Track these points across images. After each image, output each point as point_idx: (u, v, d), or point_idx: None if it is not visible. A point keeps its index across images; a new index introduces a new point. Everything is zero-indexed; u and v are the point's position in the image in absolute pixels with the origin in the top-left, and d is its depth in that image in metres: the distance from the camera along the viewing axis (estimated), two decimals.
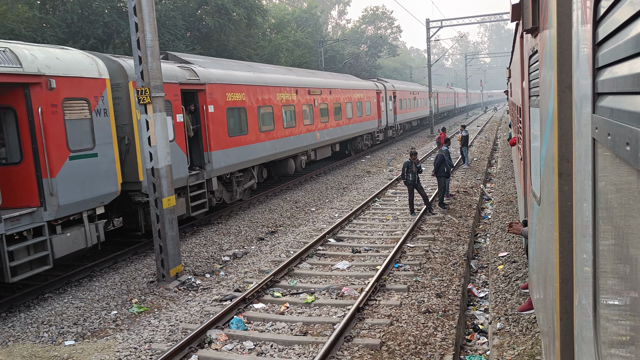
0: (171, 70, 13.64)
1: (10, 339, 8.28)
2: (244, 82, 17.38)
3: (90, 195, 10.72)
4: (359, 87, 30.29)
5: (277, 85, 19.90)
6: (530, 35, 4.32)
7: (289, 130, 20.57)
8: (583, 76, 1.94)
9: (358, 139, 30.74)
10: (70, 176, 10.22)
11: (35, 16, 26.23)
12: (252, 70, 19.36)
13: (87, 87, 10.76)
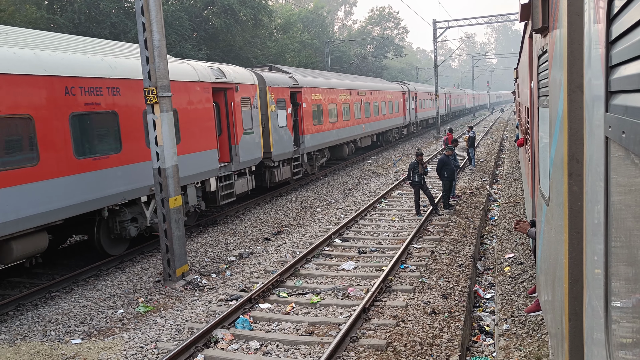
0: (284, 78, 20.35)
1: (18, 337, 8.31)
2: (321, 86, 23.65)
3: (250, 157, 17.06)
4: (390, 89, 36.25)
5: (339, 88, 26.12)
6: (539, 35, 4.30)
7: (345, 122, 26.63)
8: (595, 75, 1.92)
9: (388, 132, 36.42)
10: (243, 145, 16.48)
11: (43, 17, 26.34)
12: (323, 77, 25.86)
13: (249, 90, 17.06)
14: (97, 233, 11.63)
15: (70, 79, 10.24)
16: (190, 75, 13.97)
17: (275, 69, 21.85)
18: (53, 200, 9.75)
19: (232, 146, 15.94)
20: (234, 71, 16.53)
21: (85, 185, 10.50)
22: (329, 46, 46.02)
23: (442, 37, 47.32)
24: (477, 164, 25.42)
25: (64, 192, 10.00)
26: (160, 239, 10.84)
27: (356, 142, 29.13)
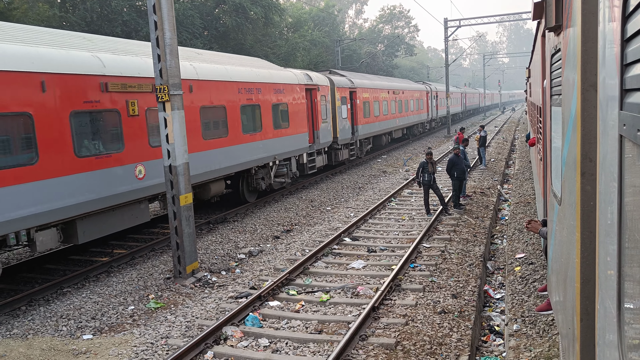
0: (345, 80, 26.00)
1: (30, 332, 8.39)
2: (368, 87, 29.21)
3: (325, 140, 22.63)
4: (416, 89, 41.79)
5: (380, 88, 31.66)
6: (552, 33, 4.27)
7: (385, 117, 32.01)
8: (610, 73, 1.91)
9: (415, 126, 42.23)
10: (322, 131, 22.07)
11: (56, 15, 26.55)
12: (369, 79, 31.74)
13: (325, 90, 22.77)
14: (242, 186, 17.40)
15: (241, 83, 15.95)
16: (293, 79, 19.82)
17: (334, 72, 27.11)
18: (234, 159, 15.60)
19: (315, 131, 21.71)
20: (315, 76, 22.38)
21: (247, 151, 16.30)
22: (340, 45, 45.99)
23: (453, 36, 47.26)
24: (487, 163, 25.30)
25: (240, 155, 15.89)
26: (170, 236, 10.89)
27: (391, 134, 34.80)
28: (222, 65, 15.72)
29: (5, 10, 24.42)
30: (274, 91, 18.07)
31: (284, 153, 18.68)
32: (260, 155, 17.03)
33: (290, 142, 19.10)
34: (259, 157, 16.95)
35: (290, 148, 19.19)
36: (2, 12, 23.95)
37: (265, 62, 21.03)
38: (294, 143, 19.43)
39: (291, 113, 19.26)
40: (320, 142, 22.00)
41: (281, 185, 19.05)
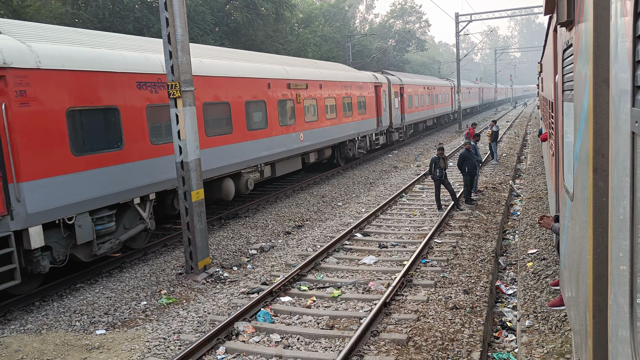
0: (396, 78, 32.67)
1: (44, 327, 8.49)
2: (411, 83, 35.81)
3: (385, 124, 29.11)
4: (443, 85, 47.84)
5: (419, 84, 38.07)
6: (564, 28, 4.24)
7: (422, 108, 38.50)
8: (622, 69, 1.90)
9: (441, 117, 48.70)
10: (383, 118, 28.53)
11: (68, 12, 26.73)
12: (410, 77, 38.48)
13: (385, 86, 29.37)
14: (337, 154, 24.48)
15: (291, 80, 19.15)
16: (367, 79, 27.17)
17: (386, 73, 33.26)
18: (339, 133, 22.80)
19: (379, 117, 28.10)
20: (379, 75, 29.80)
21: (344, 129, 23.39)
22: (351, 40, 45.87)
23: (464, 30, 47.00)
24: (499, 158, 25.17)
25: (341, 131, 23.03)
26: (182, 232, 10.96)
27: (425, 122, 41.92)
28: (334, 70, 24.06)
29: (19, 7, 24.61)
30: (357, 87, 25.29)
31: (363, 132, 25.84)
32: (351, 132, 24.26)
33: (366, 124, 26.23)
34: (350, 133, 24.14)
35: (366, 128, 26.28)
36: (16, 10, 24.14)
37: (348, 67, 29.57)
38: (368, 125, 26.44)
39: (367, 103, 26.41)
40: (382, 125, 28.91)
41: (360, 154, 26.38)
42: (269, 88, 17.04)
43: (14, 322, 8.68)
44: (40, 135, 9.23)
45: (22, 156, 8.91)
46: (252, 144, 15.97)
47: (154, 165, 11.84)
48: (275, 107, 17.43)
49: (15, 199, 8.83)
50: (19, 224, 8.85)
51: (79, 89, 10.09)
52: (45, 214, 9.25)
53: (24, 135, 8.95)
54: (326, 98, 21.61)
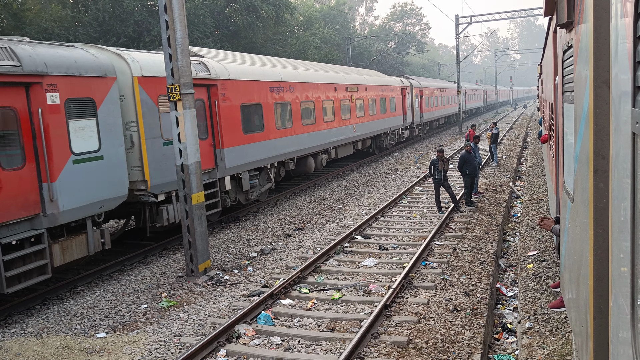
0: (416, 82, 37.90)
1: (44, 330, 8.48)
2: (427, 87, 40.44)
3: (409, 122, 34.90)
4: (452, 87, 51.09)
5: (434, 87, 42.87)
6: (564, 30, 4.24)
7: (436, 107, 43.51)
8: (622, 70, 1.90)
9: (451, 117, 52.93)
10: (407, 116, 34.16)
11: (68, 15, 26.75)
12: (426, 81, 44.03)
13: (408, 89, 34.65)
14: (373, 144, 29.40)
15: None
16: (395, 82, 32.50)
17: (406, 77, 39.04)
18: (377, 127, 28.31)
19: (404, 115, 33.53)
20: (404, 80, 35.23)
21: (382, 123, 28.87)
22: (351, 42, 45.92)
23: (464, 32, 47.01)
24: (499, 160, 25.17)
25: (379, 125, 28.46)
26: (183, 235, 10.95)
27: (439, 120, 47.13)
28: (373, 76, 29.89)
29: (19, 11, 24.64)
30: (389, 90, 30.73)
31: (393, 127, 31.21)
32: (385, 126, 29.66)
33: (395, 120, 31.63)
34: (385, 127, 29.54)
35: (396, 124, 31.76)
36: (16, 14, 24.17)
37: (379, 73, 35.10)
38: (396, 122, 31.95)
39: (396, 103, 31.71)
40: (407, 122, 34.24)
41: (390, 145, 31.87)
42: (335, 91, 22.62)
43: (15, 326, 8.67)
44: (230, 120, 14.76)
45: (224, 133, 14.44)
46: (327, 132, 21.70)
47: (279, 143, 17.69)
48: (339, 105, 23.05)
49: (220, 159, 14.33)
50: (221, 174, 14.35)
51: (245, 92, 15.69)
52: (232, 169, 14.84)
53: (224, 120, 14.48)
54: (369, 99, 26.97)
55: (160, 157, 11.93)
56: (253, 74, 16.35)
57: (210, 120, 14.07)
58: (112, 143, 10.70)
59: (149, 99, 11.77)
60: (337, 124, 22.71)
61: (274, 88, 17.48)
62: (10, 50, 8.88)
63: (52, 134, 9.42)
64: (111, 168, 10.63)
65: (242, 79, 15.43)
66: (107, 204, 10.56)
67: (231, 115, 14.73)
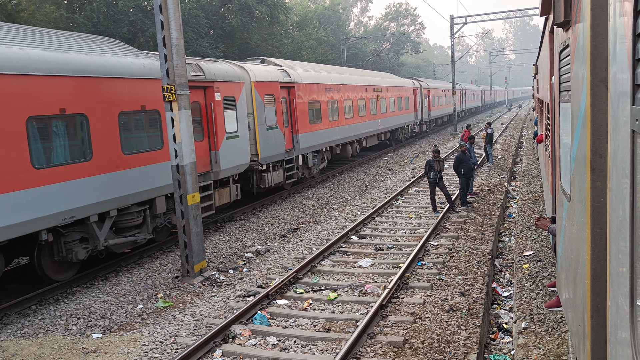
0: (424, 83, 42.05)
1: (40, 331, 8.44)
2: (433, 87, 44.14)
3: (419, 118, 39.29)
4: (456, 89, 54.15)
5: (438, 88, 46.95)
6: (561, 29, 4.25)
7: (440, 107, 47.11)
8: (621, 69, 1.90)
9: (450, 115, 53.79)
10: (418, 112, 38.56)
11: (62, 16, 26.65)
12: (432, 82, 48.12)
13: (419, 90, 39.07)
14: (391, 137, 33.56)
15: None
16: (409, 84, 36.86)
17: (415, 79, 43.41)
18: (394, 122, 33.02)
19: (415, 112, 37.74)
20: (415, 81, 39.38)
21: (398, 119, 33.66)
22: (345, 43, 45.93)
23: (459, 33, 47.05)
24: (495, 160, 25.22)
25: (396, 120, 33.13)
26: (178, 236, 10.93)
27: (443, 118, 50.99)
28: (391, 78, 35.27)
29: (13, 12, 24.53)
30: (405, 90, 35.10)
31: (407, 122, 35.67)
32: (402, 122, 34.21)
33: (409, 117, 36.25)
34: (401, 122, 34.13)
35: (409, 120, 36.26)
36: (10, 14, 24.06)
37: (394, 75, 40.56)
38: (410, 118, 36.49)
39: (410, 102, 36.28)
40: (417, 119, 38.36)
41: (404, 138, 35.97)
42: (366, 91, 27.52)
43: (11, 326, 8.63)
44: (302, 114, 19.65)
45: (298, 123, 19.28)
46: (361, 125, 26.46)
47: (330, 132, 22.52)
48: (369, 103, 27.78)
49: (296, 141, 19.17)
50: (296, 153, 19.19)
51: (311, 92, 20.57)
52: (303, 150, 19.74)
53: (299, 113, 19.36)
54: (390, 98, 31.48)
55: (265, 138, 16.79)
56: (315, 78, 21.51)
57: (289, 114, 18.99)
58: (243, 127, 15.43)
59: (259, 97, 16.57)
60: (368, 119, 27.40)
61: (327, 89, 22.37)
62: (198, 66, 13.54)
63: (217, 119, 14.16)
64: (243, 144, 15.43)
65: (308, 82, 20.51)
66: (240, 168, 15.36)
67: (302, 110, 19.73)
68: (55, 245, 9.98)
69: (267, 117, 16.89)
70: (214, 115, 13.88)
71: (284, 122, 18.18)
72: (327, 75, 23.15)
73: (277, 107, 17.77)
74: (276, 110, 17.68)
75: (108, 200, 10.42)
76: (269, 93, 17.20)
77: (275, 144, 17.46)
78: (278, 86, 17.92)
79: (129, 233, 11.47)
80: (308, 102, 20.09)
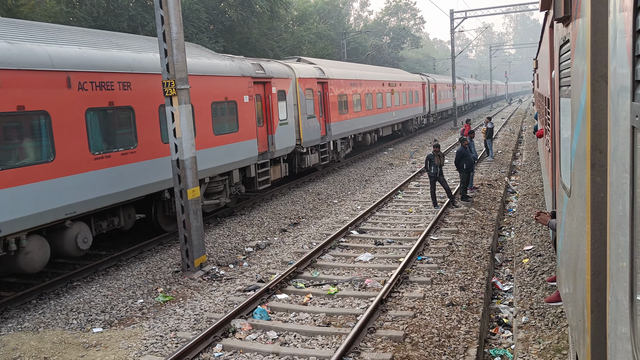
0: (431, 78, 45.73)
1: (40, 325, 8.47)
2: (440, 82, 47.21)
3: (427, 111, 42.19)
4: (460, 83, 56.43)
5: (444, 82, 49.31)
6: (561, 24, 4.24)
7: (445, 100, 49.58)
8: (621, 64, 1.90)
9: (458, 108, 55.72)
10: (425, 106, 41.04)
11: (62, 10, 26.60)
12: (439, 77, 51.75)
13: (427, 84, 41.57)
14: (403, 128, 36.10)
15: None
16: (418, 79, 39.14)
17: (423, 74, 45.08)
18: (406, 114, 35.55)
19: (424, 105, 40.25)
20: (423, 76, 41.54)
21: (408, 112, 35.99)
22: (345, 37, 45.85)
23: (459, 27, 46.97)
24: (495, 155, 25.22)
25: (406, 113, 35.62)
26: (179, 230, 10.94)
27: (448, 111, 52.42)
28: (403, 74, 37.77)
29: (13, 6, 24.46)
30: (414, 85, 37.62)
31: (417, 114, 38.46)
32: (412, 114, 36.86)
33: (418, 109, 38.93)
34: (412, 114, 36.77)
35: (419, 112, 39.03)
36: (10, 9, 24.00)
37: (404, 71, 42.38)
38: (419, 110, 39.22)
39: (419, 96, 38.83)
40: (426, 111, 41.29)
41: (414, 129, 38.74)
42: (382, 85, 30.20)
43: (11, 321, 8.65)
44: (333, 105, 22.40)
45: (330, 113, 22.10)
46: (378, 116, 29.32)
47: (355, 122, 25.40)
48: (385, 96, 30.45)
49: (329, 129, 21.89)
50: (328, 139, 22.01)
51: (339, 86, 23.50)
52: (334, 136, 22.51)
53: (331, 105, 22.13)
54: (402, 92, 34.18)
55: (306, 125, 19.93)
56: (343, 74, 24.57)
57: (323, 105, 21.94)
58: (290, 115, 18.70)
59: (302, 90, 19.70)
60: (384, 111, 30.29)
61: (352, 84, 25.31)
62: (260, 65, 16.98)
63: (274, 109, 17.45)
64: (291, 130, 18.73)
65: (338, 78, 23.52)
66: (288, 149, 18.69)
67: (334, 102, 22.63)
68: (167, 204, 12.97)
69: (307, 107, 20.09)
70: (271, 105, 17.26)
71: (319, 112, 21.32)
72: (352, 72, 26.37)
73: (315, 99, 20.95)
74: (314, 102, 20.82)
75: (207, 169, 13.50)
76: (309, 87, 20.43)
77: (314, 130, 20.61)
78: (315, 81, 21.11)
79: (215, 197, 14.66)
80: (337, 95, 23.14)
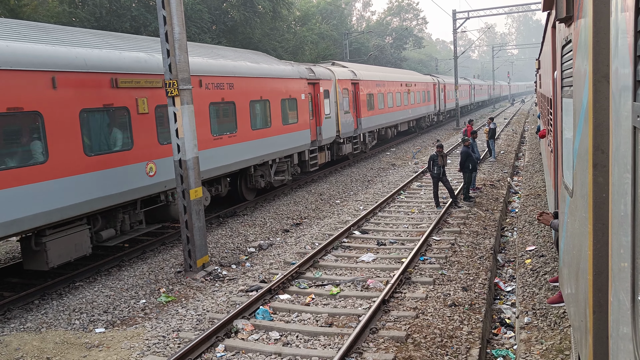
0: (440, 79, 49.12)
1: (43, 325, 8.48)
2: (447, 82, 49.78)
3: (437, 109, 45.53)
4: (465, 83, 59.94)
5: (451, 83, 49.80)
6: (563, 24, 4.24)
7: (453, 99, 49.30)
8: (623, 64, 1.90)
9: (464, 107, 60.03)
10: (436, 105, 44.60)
11: (65, 11, 26.65)
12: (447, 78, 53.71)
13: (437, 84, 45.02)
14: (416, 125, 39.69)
15: None
16: (430, 79, 43.09)
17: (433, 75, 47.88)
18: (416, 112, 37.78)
19: (435, 104, 43.05)
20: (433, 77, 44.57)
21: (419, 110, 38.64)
22: (348, 38, 45.86)
23: (461, 28, 47.06)
24: (497, 155, 25.19)
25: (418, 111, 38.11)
26: (181, 230, 10.95)
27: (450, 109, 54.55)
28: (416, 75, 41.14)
29: (16, 7, 24.52)
30: (427, 84, 40.82)
31: (429, 112, 41.81)
32: (424, 112, 39.75)
33: (430, 108, 41.95)
34: (424, 112, 39.59)
35: (430, 111, 42.14)
36: (13, 9, 24.05)
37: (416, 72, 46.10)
38: (431, 109, 42.25)
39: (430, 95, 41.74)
40: (436, 109, 44.17)
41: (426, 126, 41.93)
42: (401, 86, 33.38)
43: (14, 321, 8.67)
44: (363, 102, 25.83)
45: (361, 109, 25.48)
46: (398, 113, 32.40)
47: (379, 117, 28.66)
48: (403, 96, 33.63)
49: (359, 123, 25.19)
50: (359, 132, 25.33)
51: (368, 86, 26.66)
52: (364, 130, 25.99)
53: (361, 102, 25.54)
54: (417, 91, 37.22)
55: (343, 120, 23.07)
56: (370, 76, 28.00)
57: (355, 102, 24.96)
58: (332, 111, 22.00)
59: (340, 90, 22.81)
60: (402, 108, 33.54)
61: (377, 84, 28.72)
62: (311, 69, 20.66)
63: (321, 105, 20.85)
64: (333, 123, 22.06)
65: (366, 79, 26.88)
66: (331, 139, 21.91)
67: (363, 100, 25.90)
68: (249, 177, 16.67)
69: (344, 104, 23.43)
70: (319, 102, 20.81)
71: (352, 108, 24.63)
72: (377, 74, 30.14)
73: (349, 97, 24.21)
74: (349, 100, 24.11)
75: (277, 151, 17.34)
76: (345, 87, 23.75)
77: (349, 124, 23.94)
78: (350, 82, 24.45)
79: (280, 175, 18.02)
80: (367, 94, 26.44)
